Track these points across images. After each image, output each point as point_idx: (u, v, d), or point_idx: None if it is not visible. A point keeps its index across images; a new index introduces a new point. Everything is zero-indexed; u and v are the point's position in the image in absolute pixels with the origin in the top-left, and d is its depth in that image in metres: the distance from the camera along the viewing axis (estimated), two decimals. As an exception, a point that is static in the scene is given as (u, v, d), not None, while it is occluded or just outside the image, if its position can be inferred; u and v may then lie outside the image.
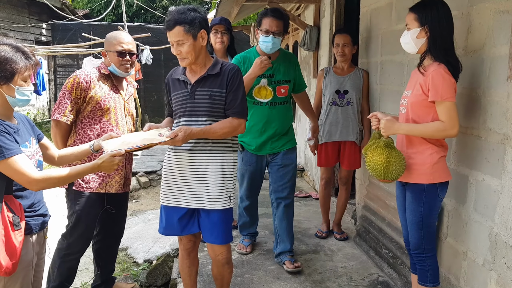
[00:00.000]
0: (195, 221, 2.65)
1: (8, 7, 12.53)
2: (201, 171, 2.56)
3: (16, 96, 2.02)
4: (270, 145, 3.50)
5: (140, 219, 5.19)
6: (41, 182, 2.02)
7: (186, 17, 2.43)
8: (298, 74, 3.59)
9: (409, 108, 2.41)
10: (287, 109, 3.54)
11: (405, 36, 2.45)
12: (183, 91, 2.60)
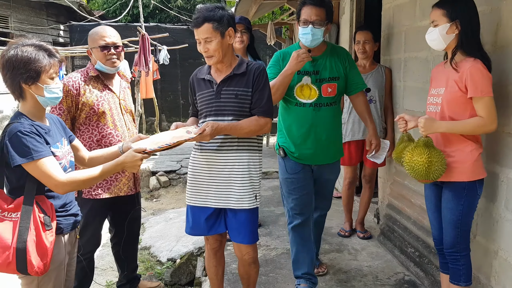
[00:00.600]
0: (221, 221, 2.65)
1: (26, 9, 12.68)
2: (228, 170, 2.56)
3: (45, 95, 2.04)
4: (316, 155, 2.99)
5: (162, 218, 5.22)
6: (67, 185, 2.02)
7: (215, 15, 2.43)
8: (350, 71, 3.02)
9: (444, 105, 2.37)
10: (335, 111, 3.02)
11: (431, 32, 2.41)
12: (209, 91, 2.60)
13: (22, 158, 1.93)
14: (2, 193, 2.06)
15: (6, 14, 12.03)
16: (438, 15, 2.36)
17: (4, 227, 1.95)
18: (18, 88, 2.03)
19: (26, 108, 2.07)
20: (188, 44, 10.70)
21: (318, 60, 2.95)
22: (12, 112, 12.22)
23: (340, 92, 3.00)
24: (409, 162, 2.36)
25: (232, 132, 2.49)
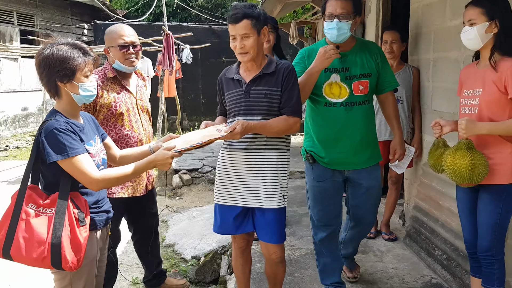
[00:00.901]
0: (249, 220, 2.66)
1: (51, 8, 12.94)
2: (257, 169, 2.56)
3: (80, 93, 2.07)
4: (349, 159, 2.79)
5: (185, 216, 5.25)
6: (101, 182, 2.06)
7: (253, 12, 2.44)
8: (382, 67, 2.80)
9: (483, 107, 2.33)
10: (369, 111, 2.81)
11: (468, 31, 2.36)
12: (238, 90, 2.60)
13: (58, 155, 1.96)
14: (37, 189, 2.10)
15: (32, 13, 12.28)
16: (476, 13, 2.31)
17: (39, 222, 1.98)
18: (54, 86, 2.07)
19: (61, 106, 2.11)
20: (210, 43, 10.76)
21: (348, 56, 2.74)
22: (37, 109, 12.46)
23: (372, 90, 2.80)
24: (450, 166, 2.30)
25: (261, 130, 2.49)
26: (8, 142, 10.77)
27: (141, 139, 2.98)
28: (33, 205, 2.01)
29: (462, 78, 2.62)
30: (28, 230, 1.97)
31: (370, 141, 2.85)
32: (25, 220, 1.98)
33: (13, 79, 11.54)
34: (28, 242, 1.96)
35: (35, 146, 2.05)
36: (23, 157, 9.19)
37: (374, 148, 2.88)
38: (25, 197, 2.02)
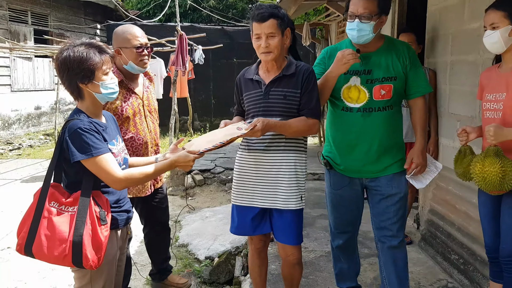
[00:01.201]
0: (267, 221, 2.66)
1: (65, 8, 13.05)
2: (275, 170, 2.56)
3: (102, 92, 2.08)
4: (366, 167, 2.65)
5: (198, 217, 5.27)
6: (124, 182, 2.07)
7: (279, 12, 2.46)
8: (412, 70, 2.58)
9: (507, 111, 2.31)
10: (391, 117, 2.61)
11: (491, 35, 2.34)
12: (257, 91, 2.60)
13: (82, 154, 1.98)
14: (60, 187, 2.12)
15: (46, 13, 12.39)
16: (499, 17, 2.30)
17: (61, 220, 2.00)
18: (76, 88, 2.08)
19: (84, 106, 2.12)
20: (222, 44, 10.79)
21: (371, 58, 2.56)
22: (49, 108, 12.57)
23: (399, 94, 2.60)
24: (480, 173, 2.26)
25: (281, 130, 2.48)
26: (21, 140, 10.88)
27: (146, 141, 2.99)
28: (55, 203, 2.03)
29: (483, 81, 2.59)
30: (50, 228, 1.98)
31: (392, 149, 2.65)
32: (47, 218, 2.00)
33: (26, 78, 11.65)
34: (50, 240, 1.98)
35: (58, 144, 2.07)
36: (36, 156, 9.27)
37: (397, 156, 2.67)
38: (48, 195, 2.04)
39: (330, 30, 8.95)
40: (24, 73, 11.57)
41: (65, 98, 13.01)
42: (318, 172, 6.61)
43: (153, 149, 3.07)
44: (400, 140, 2.72)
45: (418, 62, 2.63)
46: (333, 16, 8.01)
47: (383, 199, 2.66)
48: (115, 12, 14.53)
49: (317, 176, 6.53)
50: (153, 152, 3.06)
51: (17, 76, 11.31)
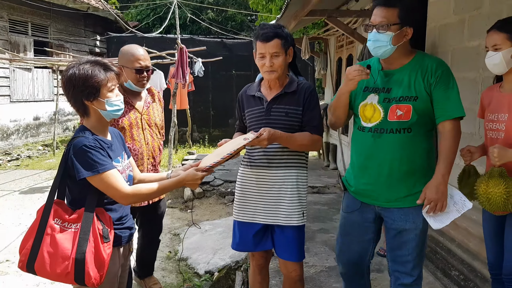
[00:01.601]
0: (268, 237, 2.67)
1: (65, 19, 13.12)
2: (278, 187, 2.58)
3: (107, 108, 2.10)
4: (377, 193, 2.38)
5: (197, 230, 5.26)
6: (131, 197, 2.09)
7: (283, 32, 2.51)
8: (438, 90, 2.25)
9: (510, 132, 2.34)
10: (408, 141, 2.29)
11: (493, 56, 2.37)
12: (259, 108, 2.63)
13: (88, 172, 1.98)
14: (63, 204, 2.12)
15: (46, 24, 12.46)
16: (502, 38, 2.34)
17: (64, 237, 2.00)
18: (81, 105, 2.10)
19: (90, 124, 2.13)
20: (221, 56, 10.86)
21: (395, 75, 2.34)
22: (48, 119, 12.57)
23: (422, 116, 2.27)
24: (484, 194, 2.28)
25: (286, 142, 2.50)
26: (19, 151, 10.86)
27: (142, 152, 3.05)
28: (58, 220, 2.03)
29: (484, 100, 2.62)
30: (53, 245, 1.98)
31: (409, 178, 2.32)
32: (50, 235, 1.99)
33: (25, 88, 11.67)
34: (52, 257, 1.97)
35: (63, 161, 2.08)
36: (35, 167, 9.25)
37: (416, 187, 2.31)
38: (51, 212, 2.04)
39: (329, 44, 9.02)
40: (24, 84, 11.59)
41: (64, 108, 13.03)
42: (317, 185, 6.63)
43: (149, 161, 3.13)
44: (423, 169, 2.32)
45: (451, 82, 2.26)
46: (332, 31, 8.08)
47: (397, 234, 2.38)
48: (115, 24, 14.62)
49: (317, 190, 6.55)
50: (149, 164, 3.12)
51: (17, 86, 11.33)
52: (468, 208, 2.23)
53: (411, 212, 2.33)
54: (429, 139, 2.36)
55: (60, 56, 11.51)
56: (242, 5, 20.30)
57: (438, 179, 2.22)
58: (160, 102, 3.38)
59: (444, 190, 2.21)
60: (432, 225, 2.26)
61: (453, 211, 2.24)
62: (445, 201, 2.21)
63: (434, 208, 2.21)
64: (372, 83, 2.38)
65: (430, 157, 2.36)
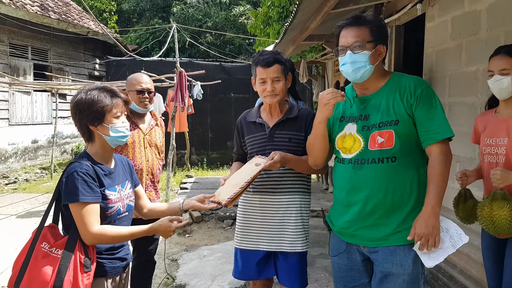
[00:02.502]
0: (271, 265, 2.64)
1: (65, 43, 13.22)
2: (282, 212, 2.57)
3: (111, 134, 2.09)
4: (360, 232, 2.13)
5: (195, 255, 5.19)
6: (94, 238, 2.02)
7: (282, 58, 2.57)
8: (420, 110, 2.02)
9: (510, 156, 2.35)
10: (393, 172, 2.05)
11: (501, 80, 2.38)
12: (261, 134, 2.64)
13: (69, 198, 1.98)
14: (56, 228, 2.10)
15: (46, 48, 12.55)
16: (510, 63, 2.36)
17: (47, 262, 1.97)
18: (86, 130, 2.10)
19: (93, 150, 2.13)
20: (219, 79, 10.95)
21: (371, 100, 2.14)
22: (46, 142, 12.56)
23: (406, 141, 2.05)
24: (488, 217, 2.27)
25: (296, 164, 2.51)
26: (17, 174, 10.81)
27: (142, 168, 3.20)
28: (46, 244, 2.01)
29: (479, 125, 2.65)
30: (36, 269, 1.95)
31: (395, 212, 2.06)
32: (36, 259, 1.98)
33: (24, 112, 11.69)
34: (34, 281, 1.94)
35: (58, 185, 2.08)
36: (32, 190, 9.19)
37: (405, 223, 2.05)
38: (41, 235, 2.03)
39: (326, 67, 9.10)
40: (23, 107, 11.61)
41: (62, 131, 13.03)
42: (317, 209, 6.59)
43: (148, 177, 3.27)
44: (413, 202, 2.07)
45: (433, 101, 2.05)
46: (329, 55, 8.17)
47: (383, 278, 2.08)
48: (115, 48, 14.73)
49: (316, 213, 6.51)
50: (148, 180, 3.25)
51: (15, 109, 11.35)
52: (464, 243, 1.98)
53: (399, 252, 2.05)
54: (420, 168, 2.10)
55: (59, 79, 11.56)
56: (240, 29, 20.56)
57: (427, 211, 1.97)
58: (161, 127, 3.56)
59: (435, 223, 1.95)
60: (425, 263, 1.99)
61: (448, 247, 1.98)
62: (437, 235, 1.95)
63: (426, 244, 1.94)
64: (348, 112, 2.20)
65: (421, 188, 2.08)
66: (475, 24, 3.36)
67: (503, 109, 2.49)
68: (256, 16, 12.21)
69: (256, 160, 2.48)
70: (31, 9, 11.34)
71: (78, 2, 17.82)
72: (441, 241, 1.96)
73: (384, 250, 2.08)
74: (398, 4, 4.72)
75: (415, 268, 2.03)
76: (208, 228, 6.38)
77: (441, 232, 1.97)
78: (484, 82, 3.01)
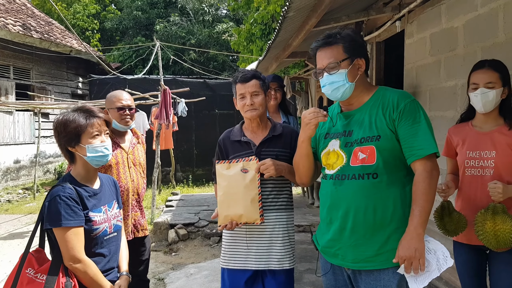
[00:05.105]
0: (259, 283, 2.63)
1: (47, 62, 13.15)
2: (270, 230, 2.58)
3: (87, 154, 2.09)
4: (342, 252, 2.07)
5: (182, 274, 5.15)
6: (80, 266, 2.01)
7: (259, 74, 2.64)
8: (403, 126, 1.97)
9: (499, 169, 2.40)
10: (374, 189, 1.99)
11: (487, 93, 2.41)
12: (247, 152, 2.65)
13: (51, 223, 1.98)
14: (42, 252, 2.09)
15: (28, 67, 12.46)
16: (496, 77, 2.41)
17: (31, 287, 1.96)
18: (67, 152, 2.12)
19: (75, 171, 2.13)
20: (204, 96, 10.99)
21: (355, 115, 2.12)
22: (29, 162, 12.39)
23: (389, 157, 1.99)
24: (491, 232, 2.26)
25: (289, 171, 2.54)
26: (-1, 195, 10.63)
27: (127, 188, 3.13)
28: (31, 270, 2.00)
29: (453, 138, 2.67)
30: None
31: (378, 233, 1.99)
32: (22, 285, 1.96)
33: (6, 131, 11.54)
34: None
35: (41, 209, 2.07)
36: (15, 211, 9.04)
37: (388, 244, 1.97)
38: (26, 261, 2.01)
39: (310, 83, 9.22)
40: (5, 127, 11.46)
41: (45, 151, 12.88)
42: (303, 224, 6.61)
43: (134, 197, 3.21)
44: (397, 222, 1.98)
45: (417, 115, 1.98)
46: (312, 71, 8.26)
47: None
48: (98, 66, 14.69)
49: (302, 228, 6.52)
50: (133, 200, 3.20)
51: (-3, 130, 11.21)
52: (449, 266, 1.89)
53: (383, 276, 1.96)
54: (406, 186, 2.02)
55: (42, 99, 11.47)
56: (223, 46, 20.73)
57: (410, 233, 1.89)
58: (143, 144, 3.51)
59: (417, 245, 1.86)
60: (411, 286, 1.88)
61: (434, 270, 1.88)
62: (421, 258, 1.86)
63: (410, 267, 1.86)
64: (333, 128, 2.18)
65: (405, 207, 1.99)
66: (452, 41, 3.46)
67: (482, 122, 2.52)
68: (239, 33, 12.35)
69: (238, 166, 2.54)
70: (13, 29, 11.28)
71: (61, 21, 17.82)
72: (427, 264, 1.88)
73: (367, 274, 2.01)
74: (378, 22, 4.83)
75: None
76: (194, 246, 6.34)
77: (428, 253, 1.89)
78: (463, 96, 3.08)
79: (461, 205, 2.57)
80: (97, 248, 2.11)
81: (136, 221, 3.24)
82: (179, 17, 21.99)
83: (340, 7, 4.42)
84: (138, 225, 3.26)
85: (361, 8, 4.90)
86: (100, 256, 2.12)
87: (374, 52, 5.14)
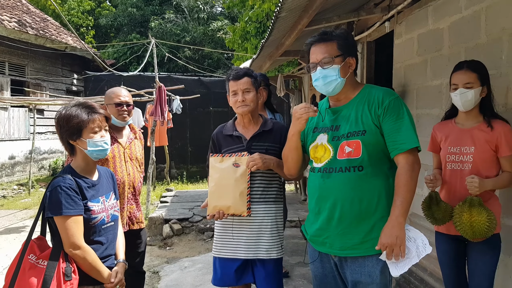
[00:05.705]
0: (249, 271, 2.76)
1: (42, 58, 13.18)
2: (259, 222, 2.70)
3: (88, 148, 2.20)
4: (329, 240, 2.20)
5: (176, 267, 5.27)
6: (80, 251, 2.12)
7: (252, 72, 2.76)
8: (388, 121, 2.11)
9: (477, 163, 2.53)
10: (360, 181, 2.12)
11: (466, 93, 2.54)
12: (239, 146, 2.78)
13: (53, 211, 2.09)
14: (43, 240, 2.19)
15: (23, 64, 12.50)
16: (474, 78, 2.54)
17: (33, 273, 2.05)
18: (68, 145, 2.22)
19: (76, 163, 2.24)
20: (198, 94, 11.08)
21: (342, 111, 2.24)
22: (24, 158, 12.43)
23: (374, 151, 2.12)
24: (468, 223, 2.39)
25: (278, 165, 2.66)
26: (-7, 191, 10.68)
27: (124, 182, 3.21)
28: (33, 256, 2.10)
29: (437, 134, 2.81)
30: (24, 280, 2.04)
31: (362, 222, 2.13)
32: (24, 270, 2.06)
33: (1, 128, 11.58)
34: None
35: (43, 199, 2.18)
36: (10, 207, 9.10)
37: (372, 233, 2.10)
38: (28, 247, 2.11)
39: (303, 81, 9.33)
40: (0, 123, 11.51)
41: (39, 147, 12.93)
42: (295, 219, 6.74)
43: (130, 190, 3.28)
44: (381, 212, 2.12)
45: (401, 112, 2.12)
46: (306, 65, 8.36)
47: (353, 287, 2.16)
48: (93, 63, 14.74)
49: (294, 223, 6.65)
50: (129, 193, 3.27)
51: (-8, 126, 11.25)
52: (427, 253, 2.03)
53: (367, 262, 2.11)
54: (389, 178, 2.15)
55: (37, 95, 11.52)
56: (218, 43, 20.78)
57: (391, 221, 2.03)
58: (140, 140, 3.58)
59: (398, 233, 1.99)
60: (391, 272, 2.03)
61: (414, 257, 2.02)
62: (402, 245, 1.99)
63: (391, 254, 2.00)
64: (321, 123, 2.30)
65: (389, 198, 2.12)
66: (438, 41, 3.59)
67: (464, 119, 2.66)
68: (234, 31, 12.43)
69: (230, 160, 2.67)
70: (8, 25, 11.32)
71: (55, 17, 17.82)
72: (408, 251, 2.01)
73: (352, 260, 2.14)
74: (369, 22, 4.95)
75: (383, 278, 2.10)
76: (188, 241, 6.45)
77: (408, 241, 2.02)
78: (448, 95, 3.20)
79: (443, 197, 2.70)
80: (95, 236, 2.22)
81: (131, 213, 3.32)
82: (174, 14, 22.02)
83: (331, 7, 4.55)
84: (134, 217, 3.34)
85: (352, 8, 5.03)
86: (98, 244, 2.23)
87: (365, 51, 5.27)
